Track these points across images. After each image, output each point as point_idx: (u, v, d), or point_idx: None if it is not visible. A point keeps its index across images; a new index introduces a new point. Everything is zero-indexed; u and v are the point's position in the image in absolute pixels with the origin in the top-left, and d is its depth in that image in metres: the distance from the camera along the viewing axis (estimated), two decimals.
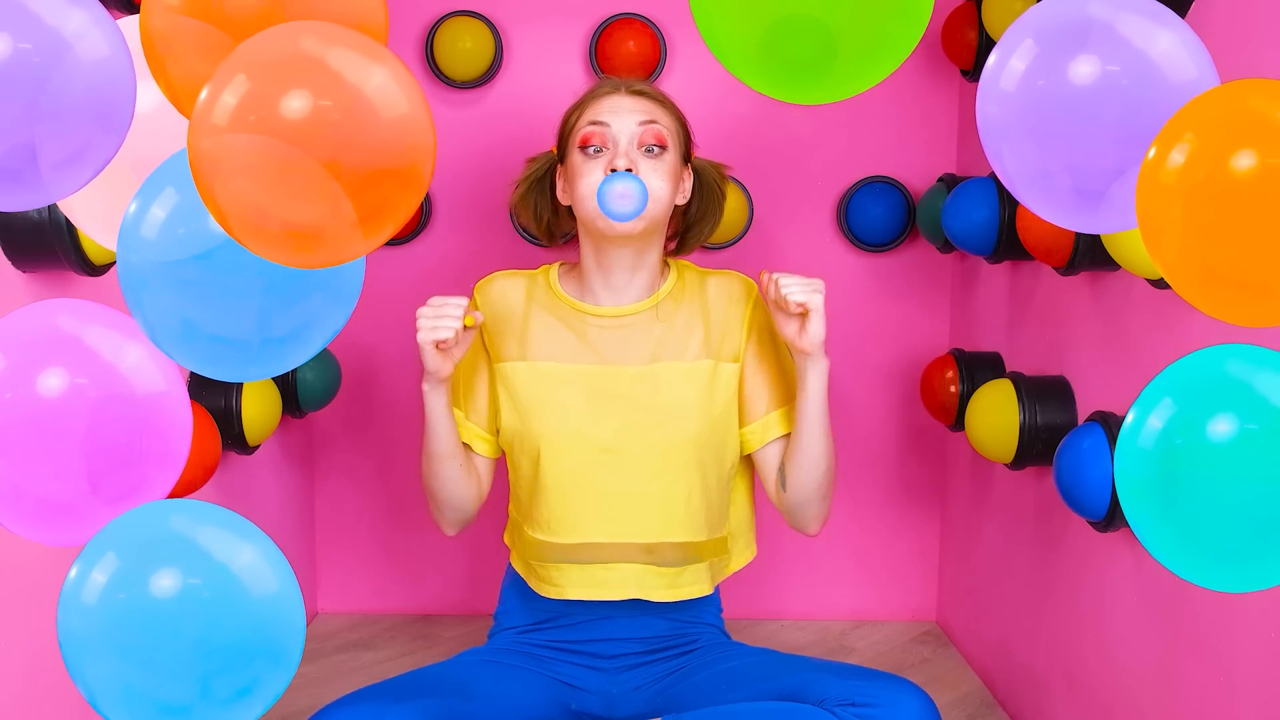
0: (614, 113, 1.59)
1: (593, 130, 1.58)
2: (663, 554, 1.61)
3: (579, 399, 1.61)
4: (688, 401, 1.61)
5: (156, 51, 0.91)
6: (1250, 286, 0.84)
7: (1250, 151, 0.81)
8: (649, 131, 1.58)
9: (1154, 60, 0.90)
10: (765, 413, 1.65)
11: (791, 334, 1.55)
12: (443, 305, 1.51)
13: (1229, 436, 0.87)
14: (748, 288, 1.70)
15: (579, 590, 1.63)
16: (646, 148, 1.58)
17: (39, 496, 0.94)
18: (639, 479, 1.60)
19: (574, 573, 1.63)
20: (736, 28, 0.93)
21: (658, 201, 1.57)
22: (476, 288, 1.70)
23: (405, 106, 0.81)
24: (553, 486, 1.61)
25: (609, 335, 1.63)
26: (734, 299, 1.68)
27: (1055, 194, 0.96)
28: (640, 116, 1.59)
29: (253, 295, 0.92)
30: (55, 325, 0.96)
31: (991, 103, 0.95)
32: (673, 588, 1.64)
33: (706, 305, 1.67)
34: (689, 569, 1.64)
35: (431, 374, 1.54)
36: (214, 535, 0.96)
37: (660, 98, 1.64)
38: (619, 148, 1.57)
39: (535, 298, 1.67)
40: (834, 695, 1.43)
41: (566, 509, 1.61)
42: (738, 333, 1.66)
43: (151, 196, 0.92)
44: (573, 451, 1.60)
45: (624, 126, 1.58)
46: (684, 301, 1.66)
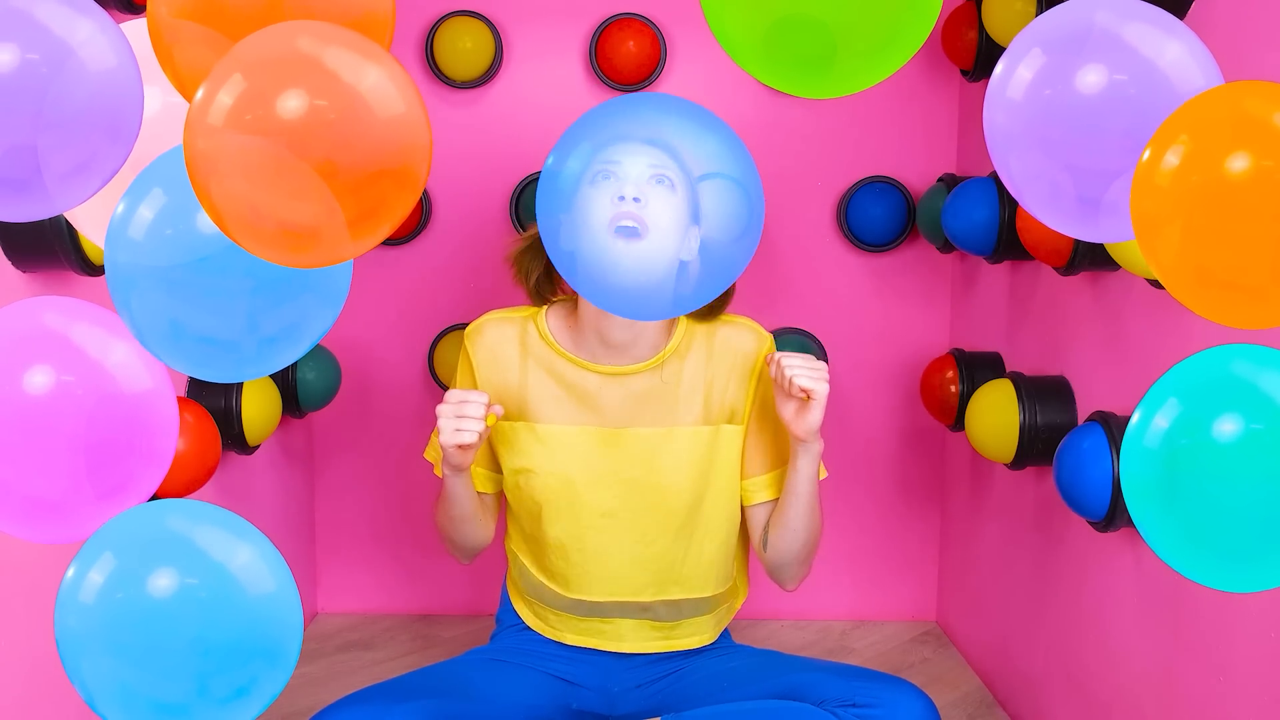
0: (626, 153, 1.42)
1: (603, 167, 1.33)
2: (658, 611, 1.62)
3: (579, 464, 1.57)
4: (687, 467, 1.57)
5: (164, 42, 0.91)
6: (1244, 289, 0.84)
7: (1245, 154, 0.81)
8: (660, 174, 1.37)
9: (1161, 69, 0.90)
10: (760, 473, 1.62)
11: (789, 416, 1.51)
12: (463, 404, 1.45)
13: (1234, 436, 0.87)
14: (759, 341, 1.62)
15: (576, 639, 1.65)
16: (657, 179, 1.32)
17: (26, 494, 0.94)
18: (636, 543, 1.59)
19: (573, 622, 1.64)
20: (744, 20, 0.92)
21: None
22: (466, 335, 1.63)
23: (401, 106, 0.81)
24: (553, 546, 1.60)
25: (610, 394, 1.57)
26: (743, 353, 1.60)
27: (1062, 202, 0.96)
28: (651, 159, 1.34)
29: (241, 296, 0.92)
30: (41, 323, 0.96)
31: (999, 111, 0.95)
32: (668, 640, 1.65)
33: (713, 359, 1.59)
34: (686, 623, 1.65)
35: (456, 467, 1.51)
36: (211, 535, 0.96)
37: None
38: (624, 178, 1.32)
39: (530, 350, 1.59)
40: (835, 696, 1.43)
41: (567, 568, 1.61)
42: (743, 389, 1.60)
43: (139, 197, 0.92)
44: (571, 515, 1.58)
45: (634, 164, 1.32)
46: (690, 356, 1.59)
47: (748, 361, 1.60)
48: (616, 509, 1.57)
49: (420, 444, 2.43)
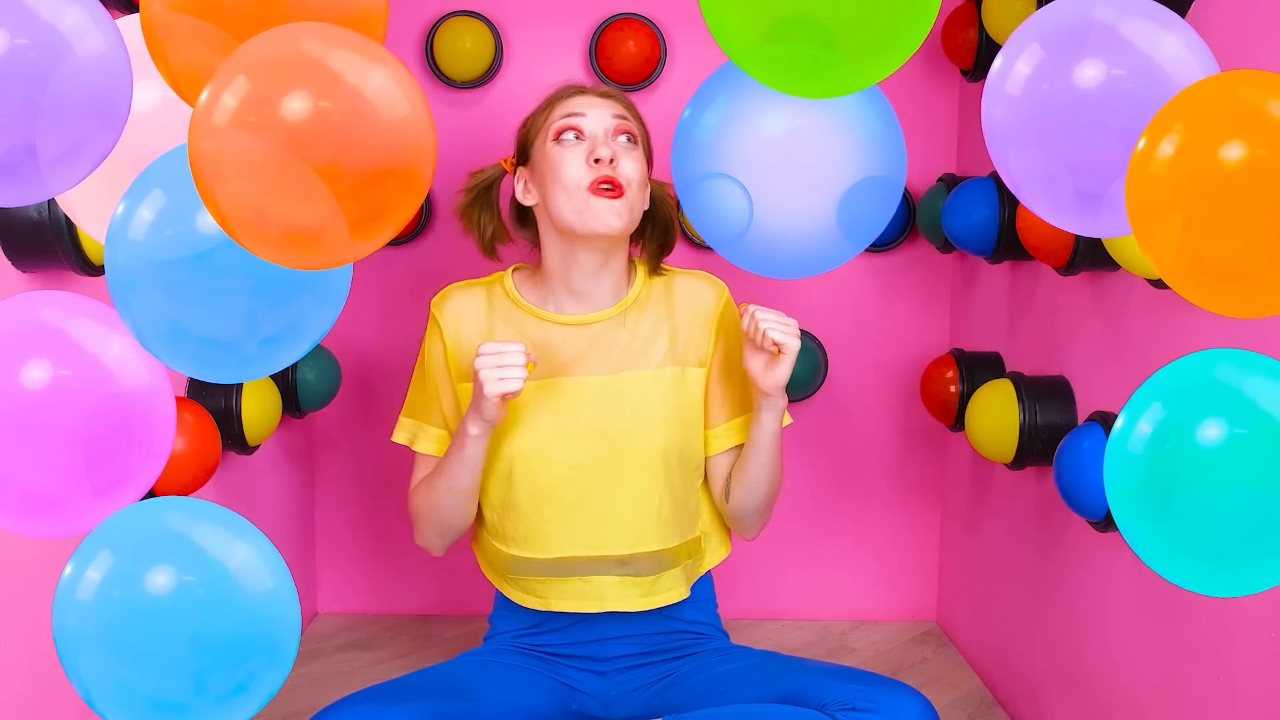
0: (589, 107, 1.58)
1: (568, 122, 1.56)
2: (637, 564, 1.62)
3: (545, 416, 1.59)
4: (653, 411, 1.60)
5: (157, 38, 0.91)
6: (1240, 277, 0.84)
7: (1239, 142, 0.81)
8: (622, 126, 1.58)
9: (1159, 63, 0.90)
10: (724, 420, 1.66)
11: (757, 369, 1.53)
12: (502, 354, 1.46)
13: (1218, 441, 0.87)
14: (717, 290, 1.68)
15: (563, 602, 1.64)
16: (626, 135, 1.57)
17: (23, 489, 0.94)
18: (609, 492, 1.60)
19: (556, 585, 1.64)
20: (743, 20, 0.92)
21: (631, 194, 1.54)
22: (433, 304, 1.66)
23: (405, 108, 0.81)
24: (526, 504, 1.61)
25: (573, 345, 1.61)
26: (702, 302, 1.66)
27: (1060, 197, 0.96)
28: (613, 111, 1.59)
29: (241, 296, 0.92)
30: (39, 317, 0.96)
31: (997, 106, 0.95)
32: (649, 595, 1.65)
33: (673, 308, 1.65)
34: (664, 576, 1.65)
35: (489, 422, 1.51)
36: (209, 532, 0.96)
37: (626, 101, 1.64)
38: (596, 138, 1.56)
39: (496, 309, 1.64)
40: (835, 699, 1.43)
41: (542, 525, 1.61)
42: (705, 337, 1.65)
43: (139, 197, 0.92)
44: (542, 469, 1.59)
45: (599, 119, 1.57)
46: (650, 305, 1.65)
47: (708, 310, 1.66)
48: (587, 460, 1.58)
49: None
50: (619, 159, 1.54)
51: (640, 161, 1.58)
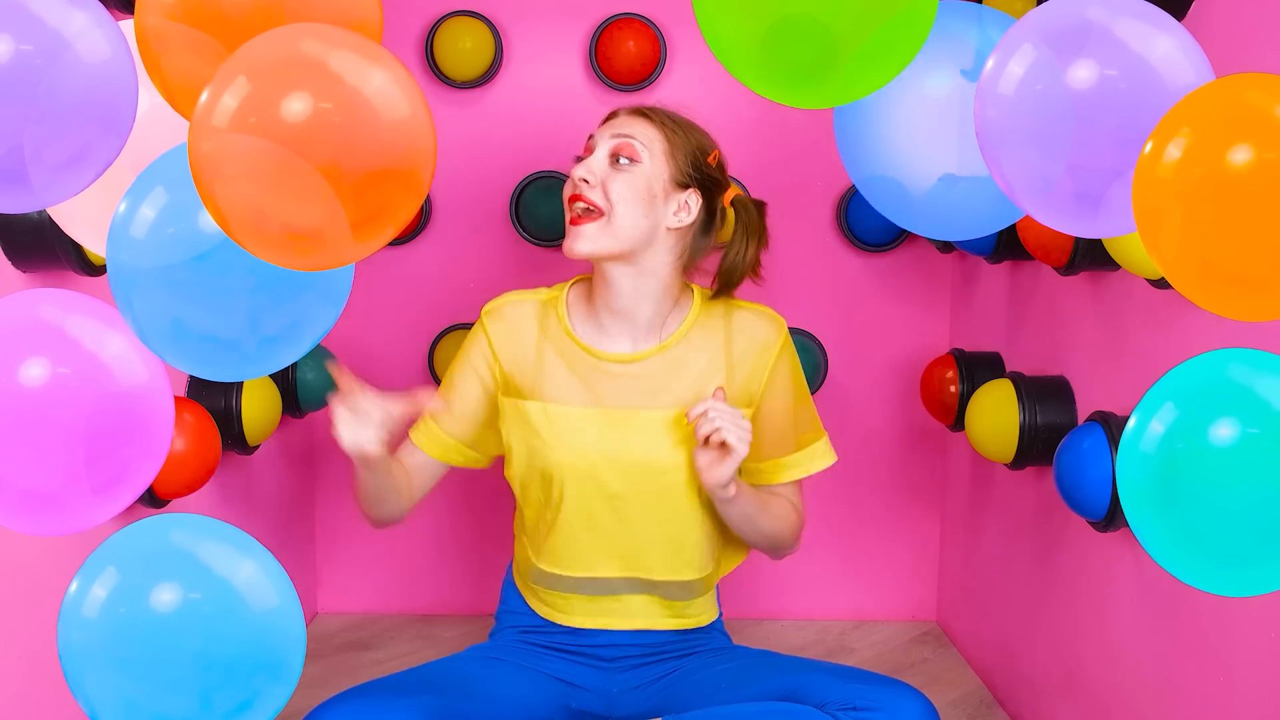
0: (603, 130, 1.60)
1: (585, 147, 1.60)
2: (670, 589, 1.63)
3: (591, 443, 1.58)
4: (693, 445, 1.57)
5: (151, 50, 0.91)
6: (1247, 281, 0.84)
7: (1247, 146, 0.81)
8: (619, 145, 1.56)
9: (1152, 64, 0.90)
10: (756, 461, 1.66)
11: (702, 464, 1.51)
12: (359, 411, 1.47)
13: (1231, 441, 0.87)
14: (778, 329, 1.65)
15: (586, 620, 1.65)
16: (614, 159, 1.55)
17: (22, 486, 0.94)
18: (649, 523, 1.60)
19: (582, 603, 1.65)
20: (738, 28, 0.92)
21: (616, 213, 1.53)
22: (485, 312, 1.66)
23: (406, 109, 0.81)
24: (563, 525, 1.61)
25: (621, 381, 1.60)
26: (762, 341, 1.63)
27: (1053, 198, 0.96)
28: (622, 130, 1.57)
29: (243, 295, 0.92)
30: (37, 315, 0.96)
31: (989, 107, 0.94)
32: (679, 617, 1.67)
33: (731, 343, 1.62)
34: (696, 601, 1.67)
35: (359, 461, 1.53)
36: (214, 550, 0.96)
37: (658, 117, 1.60)
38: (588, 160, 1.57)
39: (548, 333, 1.63)
40: (835, 699, 1.43)
41: (578, 547, 1.61)
42: (760, 378, 1.63)
43: (141, 196, 0.92)
44: (584, 494, 1.59)
45: (605, 140, 1.58)
46: (706, 339, 1.62)
47: (767, 350, 1.63)
48: (626, 492, 1.58)
49: None
50: (602, 181, 1.55)
51: (632, 180, 1.54)
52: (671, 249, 1.59)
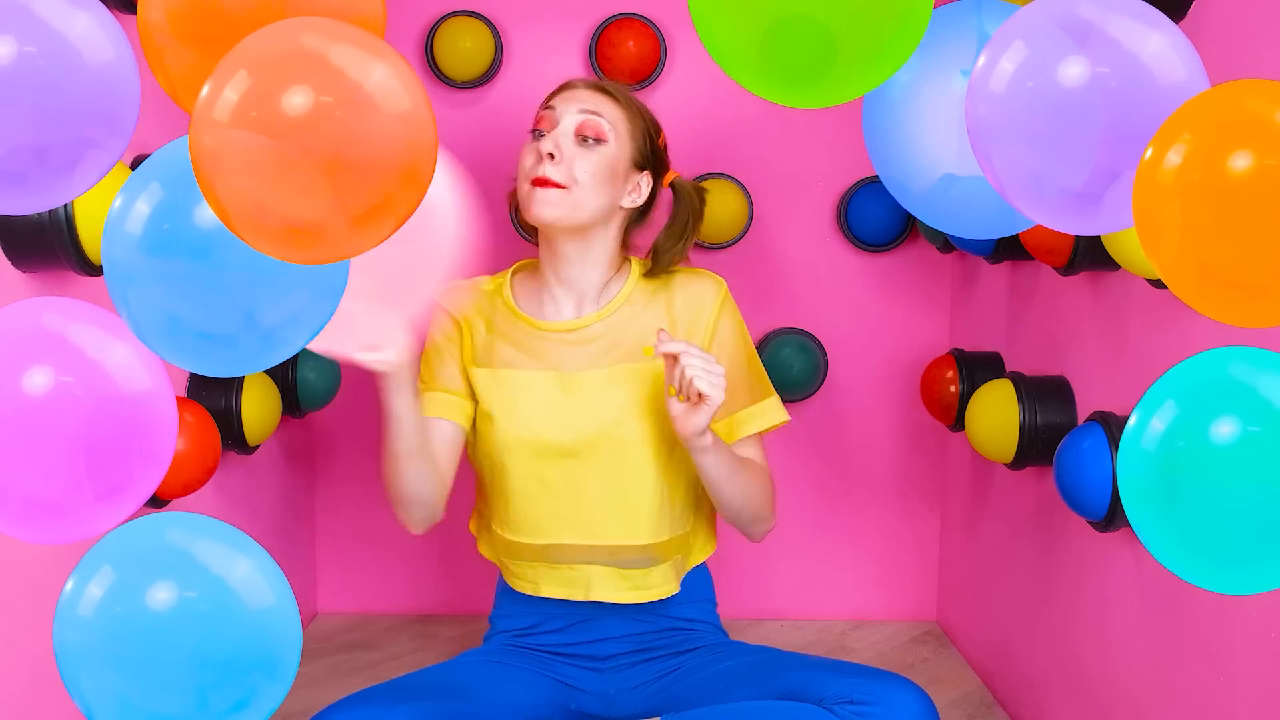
0: (565, 100, 1.62)
1: (541, 115, 1.63)
2: (626, 558, 1.62)
3: (539, 404, 1.61)
4: (645, 404, 1.61)
5: (154, 45, 0.91)
6: (1247, 287, 0.84)
7: (1247, 152, 0.81)
8: (587, 122, 1.59)
9: (1144, 62, 0.90)
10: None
11: (675, 413, 1.49)
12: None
13: (1232, 439, 0.87)
14: (716, 286, 1.68)
15: (552, 589, 1.66)
16: (581, 138, 1.59)
17: (25, 495, 0.94)
18: (600, 483, 1.61)
19: (546, 571, 1.65)
20: (735, 30, 0.92)
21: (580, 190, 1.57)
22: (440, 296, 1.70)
23: (407, 103, 0.81)
24: (518, 490, 1.62)
25: (566, 347, 1.64)
26: (703, 298, 1.67)
27: (1045, 196, 0.96)
28: (583, 104, 1.60)
29: (239, 290, 0.92)
30: (40, 323, 0.96)
31: (981, 104, 0.94)
32: (639, 589, 1.65)
33: (672, 304, 1.66)
34: (654, 571, 1.65)
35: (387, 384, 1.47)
36: (210, 548, 0.96)
37: (621, 96, 1.64)
38: (553, 135, 1.59)
39: (496, 321, 1.68)
40: (833, 693, 1.43)
41: (534, 512, 1.63)
42: (704, 334, 1.66)
43: (137, 192, 0.92)
44: (535, 457, 1.61)
45: (569, 115, 1.60)
46: (647, 302, 1.66)
47: (708, 306, 1.67)
48: (580, 449, 1.60)
49: None
50: (569, 160, 1.57)
51: (598, 161, 1.58)
52: (619, 225, 1.66)
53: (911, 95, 1.09)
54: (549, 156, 1.57)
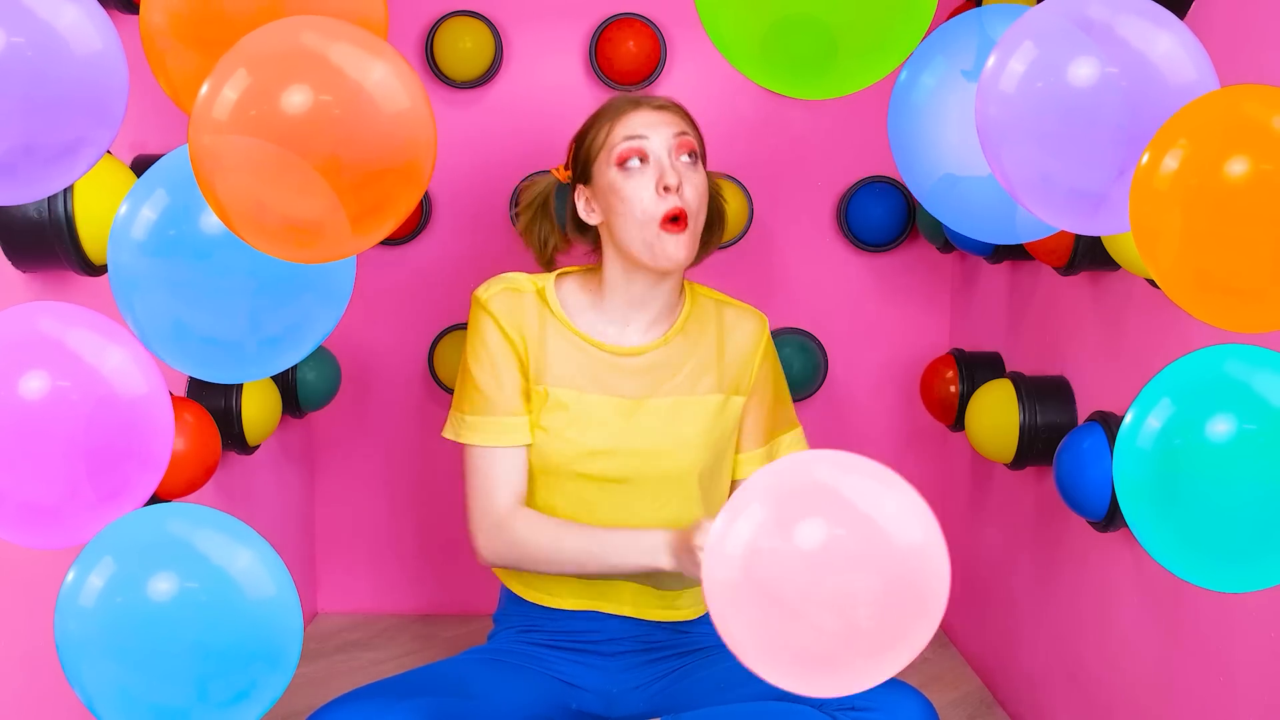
0: (652, 126, 1.56)
1: (631, 145, 1.55)
2: (665, 580, 1.62)
3: (596, 430, 1.59)
4: (696, 435, 1.61)
5: (156, 47, 0.91)
6: (1243, 292, 0.84)
7: (1244, 157, 0.81)
8: (684, 143, 1.56)
9: (1153, 62, 0.90)
10: (753, 447, 1.70)
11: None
12: None
13: (1227, 437, 0.87)
14: (760, 324, 1.70)
15: (576, 601, 1.65)
16: (689, 154, 1.56)
17: (22, 500, 0.94)
18: (646, 509, 1.60)
19: (575, 585, 1.64)
20: (740, 23, 0.93)
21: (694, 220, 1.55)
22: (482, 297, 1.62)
23: (406, 101, 0.81)
24: (563, 508, 1.61)
25: (623, 372, 1.62)
26: (749, 335, 1.68)
27: (1054, 196, 0.96)
28: (674, 129, 1.57)
29: (244, 296, 0.92)
30: (37, 328, 0.96)
31: (991, 104, 0.95)
32: (670, 609, 1.66)
33: (723, 337, 1.66)
34: (687, 594, 1.67)
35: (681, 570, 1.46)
36: (211, 539, 0.96)
37: (683, 110, 1.62)
38: (662, 162, 1.54)
39: (547, 327, 1.62)
40: (833, 698, 1.43)
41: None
42: (749, 369, 1.67)
43: (143, 198, 0.92)
44: (586, 480, 1.59)
45: (662, 138, 1.55)
46: (700, 333, 1.65)
47: (753, 343, 1.68)
48: (631, 476, 1.59)
49: (421, 441, 2.42)
50: (684, 184, 1.53)
51: (702, 179, 1.57)
52: None
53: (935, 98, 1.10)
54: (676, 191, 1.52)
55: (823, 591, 0.81)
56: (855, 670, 0.83)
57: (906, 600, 0.80)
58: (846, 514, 0.82)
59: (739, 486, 1.66)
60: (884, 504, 0.81)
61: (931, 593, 0.80)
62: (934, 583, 0.80)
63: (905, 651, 0.82)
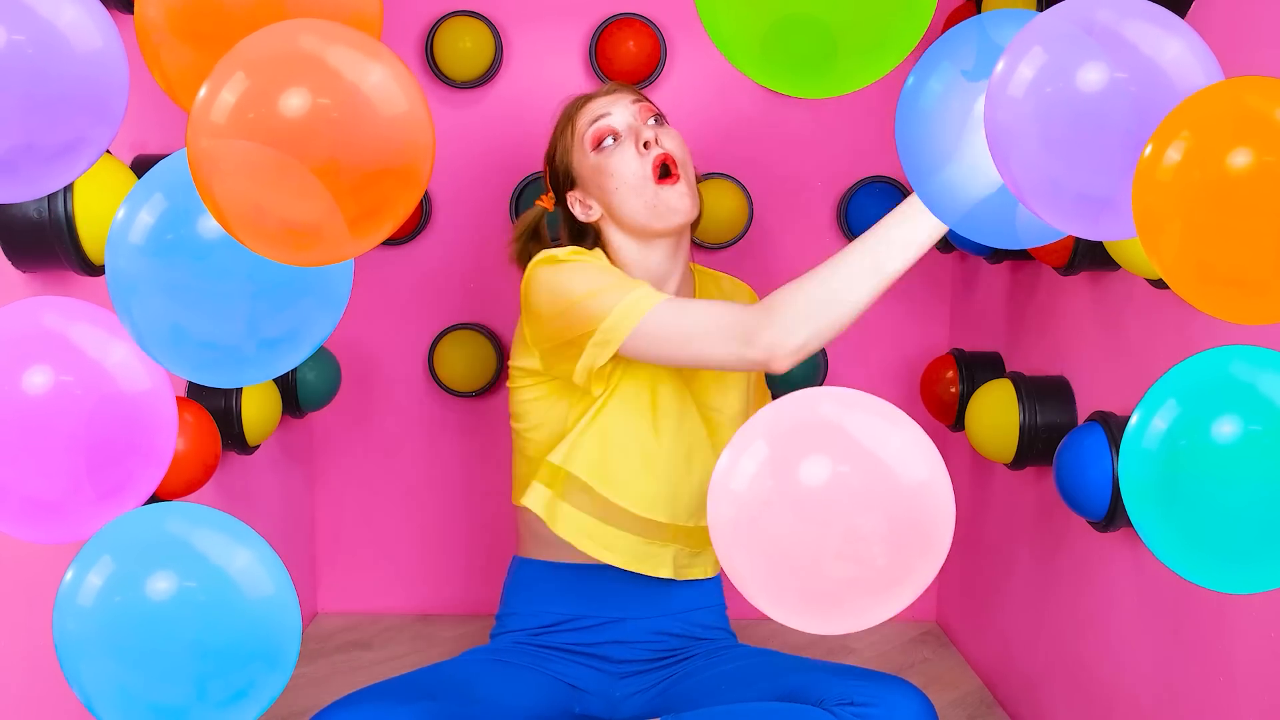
0: (608, 105, 1.64)
1: (598, 126, 1.62)
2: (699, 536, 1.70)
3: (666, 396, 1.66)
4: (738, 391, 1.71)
5: (151, 43, 0.91)
6: (1247, 284, 0.84)
7: (1247, 149, 0.81)
8: (644, 108, 1.63)
9: (1162, 67, 0.90)
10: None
11: None
12: None
13: (1233, 438, 0.87)
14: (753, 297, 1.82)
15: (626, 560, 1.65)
16: (654, 117, 1.62)
17: (24, 494, 0.94)
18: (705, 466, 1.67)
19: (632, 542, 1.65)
20: (740, 22, 0.93)
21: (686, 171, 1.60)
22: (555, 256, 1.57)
23: (404, 104, 0.81)
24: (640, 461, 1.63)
25: None
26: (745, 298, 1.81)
27: (1062, 200, 0.96)
28: (631, 98, 1.64)
29: (242, 300, 0.92)
30: (40, 323, 0.96)
31: (999, 109, 0.95)
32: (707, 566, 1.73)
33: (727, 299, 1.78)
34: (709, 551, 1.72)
35: None
36: (210, 538, 0.96)
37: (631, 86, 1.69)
38: (634, 128, 1.61)
39: None
40: (833, 695, 1.43)
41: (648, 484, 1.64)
42: None
43: (140, 202, 0.92)
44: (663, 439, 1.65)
45: (623, 112, 1.62)
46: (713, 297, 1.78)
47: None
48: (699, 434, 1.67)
49: (422, 442, 2.42)
50: (660, 137, 1.60)
51: (676, 134, 1.63)
52: None
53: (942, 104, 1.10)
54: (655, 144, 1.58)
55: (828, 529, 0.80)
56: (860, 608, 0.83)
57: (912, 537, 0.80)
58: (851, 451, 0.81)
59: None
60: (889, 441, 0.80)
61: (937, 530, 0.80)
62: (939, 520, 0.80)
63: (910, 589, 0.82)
